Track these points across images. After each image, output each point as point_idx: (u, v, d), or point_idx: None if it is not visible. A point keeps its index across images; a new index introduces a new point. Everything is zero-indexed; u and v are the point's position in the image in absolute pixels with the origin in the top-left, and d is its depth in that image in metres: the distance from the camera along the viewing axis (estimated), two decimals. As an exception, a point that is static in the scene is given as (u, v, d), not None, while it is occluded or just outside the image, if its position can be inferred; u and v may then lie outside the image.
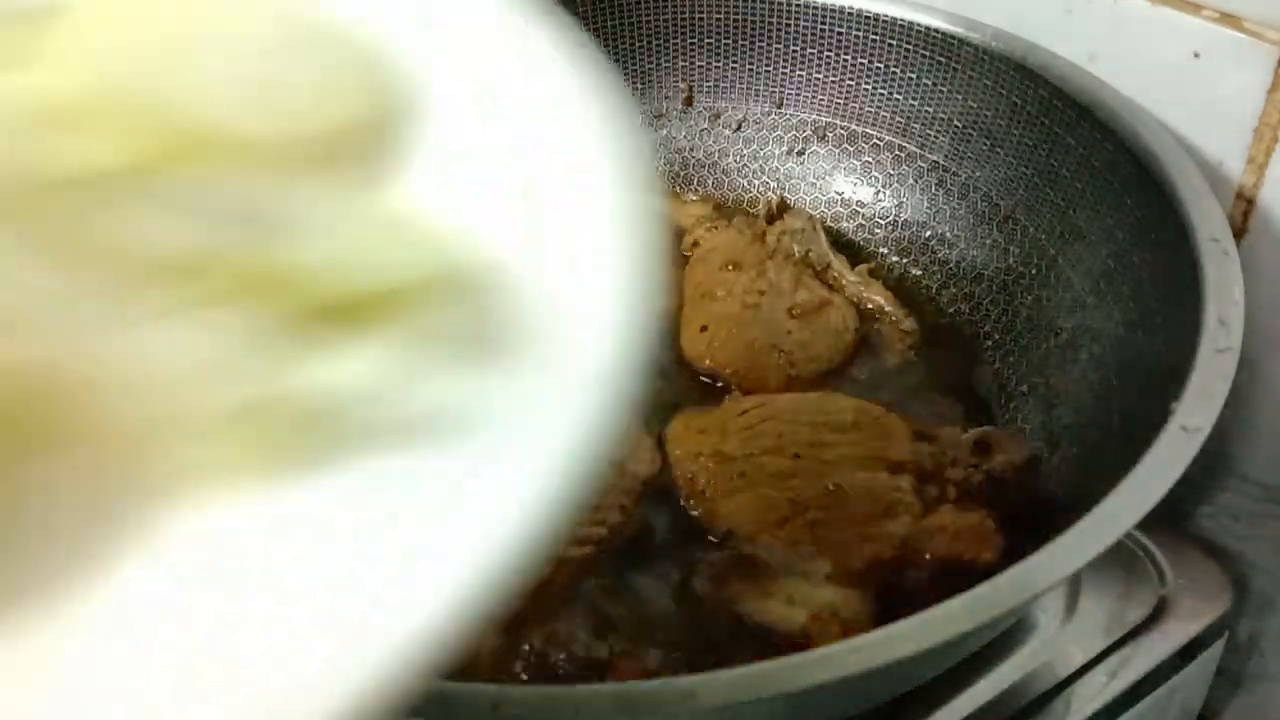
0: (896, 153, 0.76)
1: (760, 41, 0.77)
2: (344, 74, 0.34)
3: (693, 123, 0.81)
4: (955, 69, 0.69)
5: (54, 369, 0.23)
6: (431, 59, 0.34)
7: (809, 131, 0.79)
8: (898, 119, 0.75)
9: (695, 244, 0.76)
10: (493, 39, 0.35)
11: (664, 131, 0.82)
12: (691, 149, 0.82)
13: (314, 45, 0.32)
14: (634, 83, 0.80)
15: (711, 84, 0.80)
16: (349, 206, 0.30)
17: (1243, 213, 0.58)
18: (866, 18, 0.72)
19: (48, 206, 0.25)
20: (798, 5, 0.74)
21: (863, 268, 0.73)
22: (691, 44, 0.79)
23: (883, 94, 0.74)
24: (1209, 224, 0.51)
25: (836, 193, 0.79)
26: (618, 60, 0.79)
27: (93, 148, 0.26)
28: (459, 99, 0.34)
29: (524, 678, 0.50)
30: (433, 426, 0.23)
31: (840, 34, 0.74)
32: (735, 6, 0.76)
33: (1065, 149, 0.64)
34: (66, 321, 0.23)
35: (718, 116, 0.81)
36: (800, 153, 0.80)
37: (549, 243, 0.28)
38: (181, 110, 0.30)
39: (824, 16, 0.74)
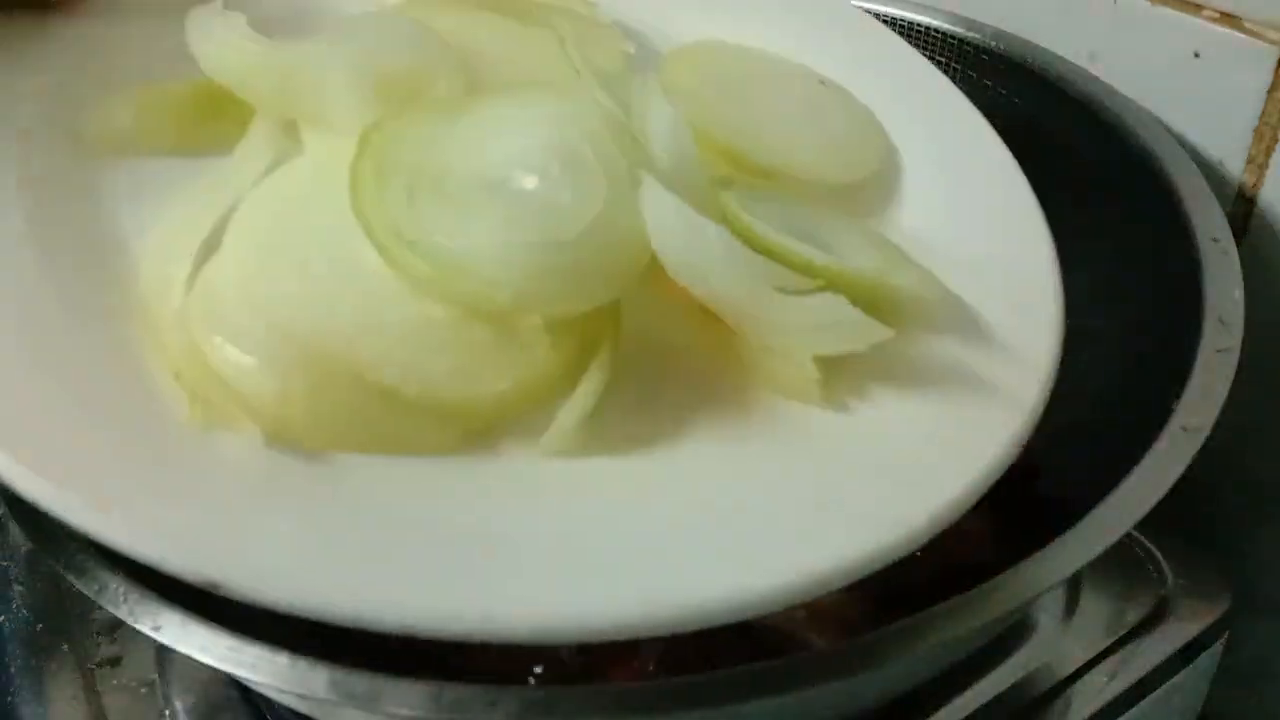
0: (896, 153, 0.75)
1: (760, 41, 0.77)
2: (864, 132, 0.48)
3: (693, 123, 0.81)
4: (955, 69, 0.69)
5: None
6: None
7: (809, 131, 0.79)
8: (898, 119, 0.74)
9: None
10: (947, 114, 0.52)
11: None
12: (691, 149, 0.82)
13: (837, 106, 0.48)
14: (634, 83, 0.80)
15: (711, 84, 0.80)
16: (864, 234, 0.43)
17: (1243, 213, 0.58)
18: (866, 18, 0.72)
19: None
20: (798, 5, 0.74)
21: (863, 268, 0.73)
22: (691, 44, 0.79)
23: (883, 94, 0.74)
24: (1209, 224, 0.51)
25: (836, 193, 0.79)
26: (618, 60, 0.79)
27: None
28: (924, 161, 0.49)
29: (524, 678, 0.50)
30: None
31: (840, 34, 0.74)
32: (735, 6, 0.76)
33: (1065, 149, 0.64)
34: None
35: (718, 116, 0.81)
36: (800, 153, 0.79)
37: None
38: (749, 147, 0.44)
39: (824, 16, 0.74)
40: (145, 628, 0.39)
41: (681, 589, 0.31)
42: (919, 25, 0.70)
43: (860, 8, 0.72)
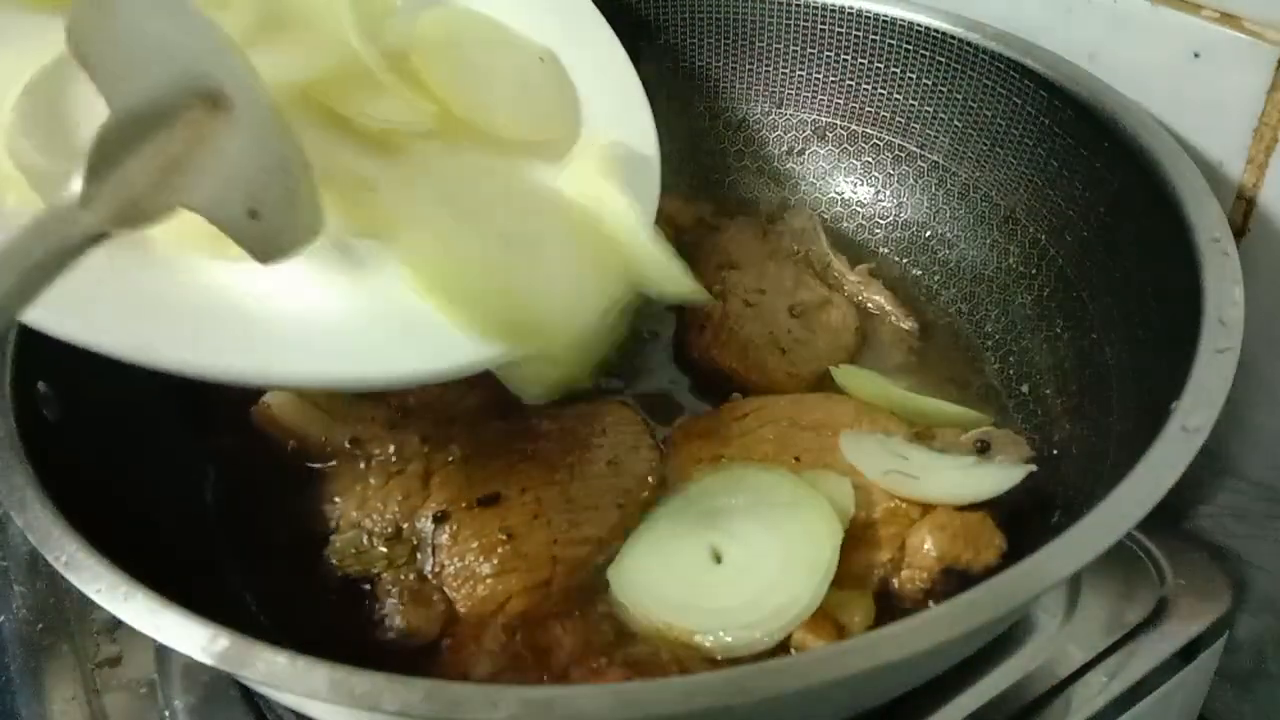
0: (896, 153, 0.76)
1: (760, 41, 0.77)
2: (561, 102, 0.60)
3: (693, 123, 0.81)
4: (955, 69, 0.69)
5: None
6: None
7: (809, 131, 0.79)
8: (898, 119, 0.75)
9: (696, 244, 0.76)
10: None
11: (664, 131, 0.81)
12: (691, 149, 0.82)
13: (548, 79, 0.61)
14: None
15: (712, 84, 0.80)
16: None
17: (1243, 213, 0.58)
18: (866, 18, 0.72)
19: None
20: (798, 5, 0.74)
21: (863, 267, 0.73)
22: (692, 44, 0.79)
23: (883, 94, 0.74)
24: (1209, 224, 0.51)
25: (836, 193, 0.79)
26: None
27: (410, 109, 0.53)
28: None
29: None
30: None
31: (840, 34, 0.74)
32: (735, 6, 0.76)
33: (1065, 149, 0.64)
34: None
35: (718, 116, 0.81)
36: (800, 153, 0.80)
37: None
38: (460, 102, 0.55)
39: (824, 16, 0.74)
40: (145, 628, 0.39)
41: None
42: (919, 25, 0.70)
43: (861, 8, 0.72)
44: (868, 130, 0.76)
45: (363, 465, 0.59)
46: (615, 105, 0.63)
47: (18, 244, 0.34)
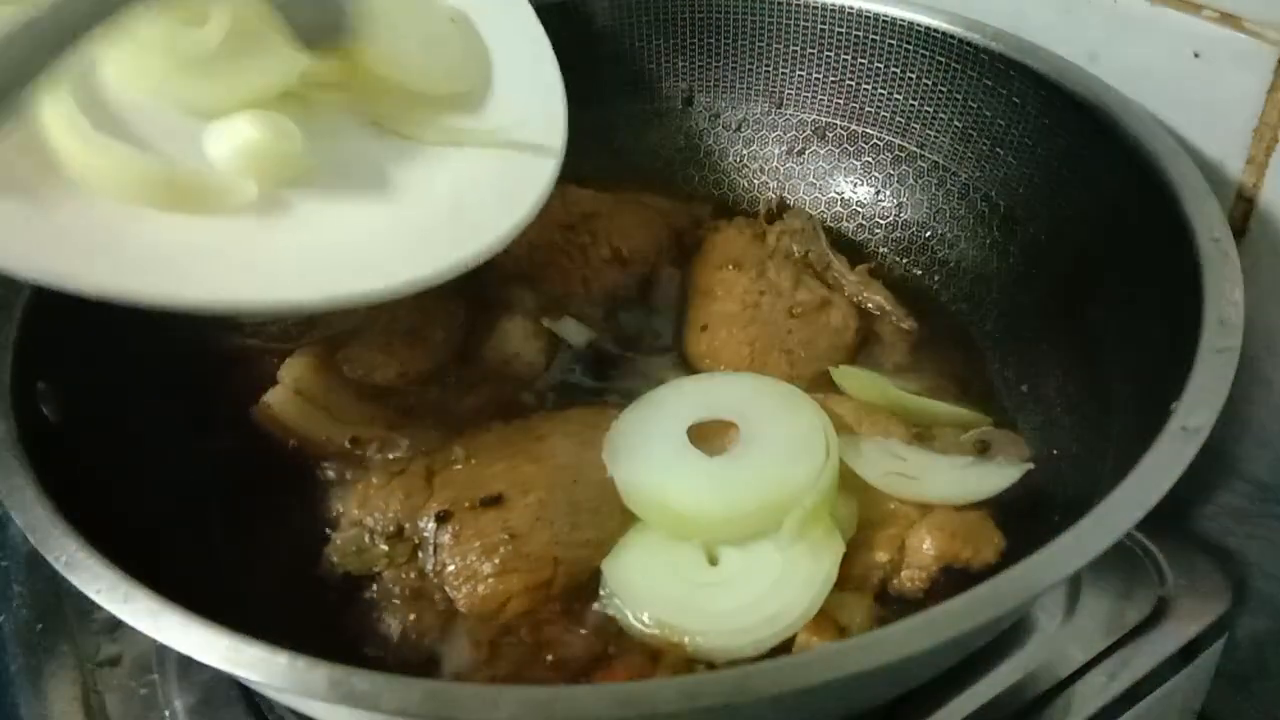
0: (896, 153, 0.76)
1: (760, 41, 0.77)
2: (468, 59, 0.65)
3: (693, 123, 0.81)
4: (955, 69, 0.69)
5: None
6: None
7: (809, 131, 0.79)
8: (898, 119, 0.75)
9: (696, 244, 0.76)
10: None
11: (664, 131, 0.82)
12: (691, 149, 0.82)
13: (463, 36, 0.65)
14: (634, 82, 0.80)
15: (711, 84, 0.80)
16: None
17: (1243, 213, 0.58)
18: (866, 18, 0.72)
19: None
20: (798, 5, 0.74)
21: (863, 268, 0.73)
22: (691, 44, 0.79)
23: (883, 94, 0.74)
24: (1209, 224, 0.51)
25: (836, 193, 0.79)
26: (618, 59, 0.79)
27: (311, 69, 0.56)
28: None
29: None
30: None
31: (840, 34, 0.74)
32: (735, 6, 0.76)
33: (1065, 149, 0.64)
34: None
35: (718, 116, 0.81)
36: (800, 153, 0.80)
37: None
38: (380, 65, 0.58)
39: (824, 16, 0.74)
40: (145, 628, 0.39)
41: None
42: (919, 25, 0.70)
43: (861, 8, 0.72)
44: (868, 130, 0.76)
45: (364, 464, 0.59)
46: (523, 59, 0.68)
47: None
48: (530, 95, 0.65)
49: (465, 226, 0.54)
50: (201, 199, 0.50)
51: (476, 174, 0.57)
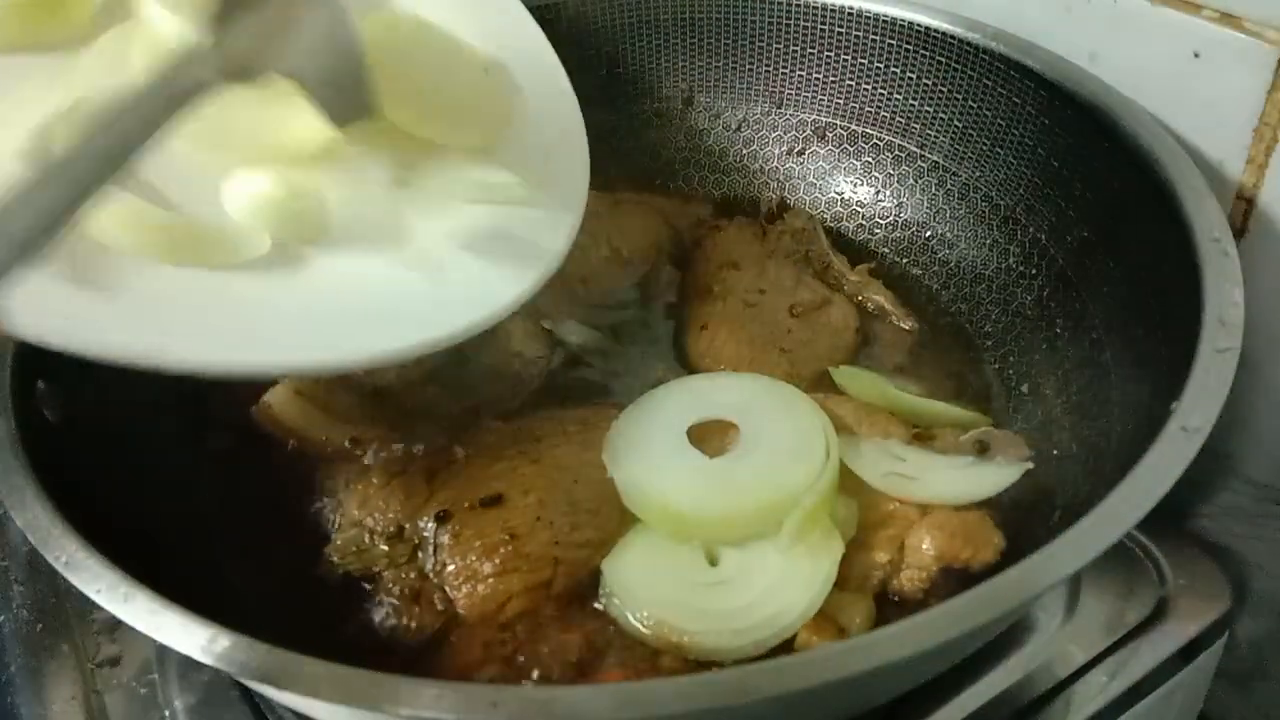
0: (896, 153, 0.76)
1: (760, 41, 0.77)
2: (495, 111, 0.61)
3: (693, 123, 0.81)
4: (955, 69, 0.69)
5: None
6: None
7: (809, 131, 0.79)
8: (898, 119, 0.75)
9: (696, 244, 0.76)
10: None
11: (664, 131, 0.82)
12: (691, 149, 0.82)
13: (497, 88, 0.62)
14: (634, 82, 0.80)
15: (711, 84, 0.80)
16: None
17: (1243, 213, 0.58)
18: (866, 18, 0.72)
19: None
20: (798, 5, 0.74)
21: (863, 267, 0.73)
22: (691, 44, 0.79)
23: (883, 94, 0.74)
24: (1209, 224, 0.51)
25: (836, 193, 0.79)
26: (618, 60, 0.79)
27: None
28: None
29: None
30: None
31: (840, 34, 0.74)
32: (735, 6, 0.76)
33: (1065, 149, 0.64)
34: None
35: (718, 116, 0.81)
36: (800, 153, 0.80)
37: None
38: (408, 125, 0.56)
39: (824, 16, 0.74)
40: (145, 628, 0.39)
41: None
42: (919, 25, 0.70)
43: (861, 8, 0.72)
44: (868, 130, 0.76)
45: (364, 464, 0.59)
46: (551, 113, 0.64)
47: (151, 83, 0.40)
48: (556, 149, 0.62)
49: (481, 285, 0.52)
50: (212, 250, 0.49)
51: (496, 229, 0.55)
